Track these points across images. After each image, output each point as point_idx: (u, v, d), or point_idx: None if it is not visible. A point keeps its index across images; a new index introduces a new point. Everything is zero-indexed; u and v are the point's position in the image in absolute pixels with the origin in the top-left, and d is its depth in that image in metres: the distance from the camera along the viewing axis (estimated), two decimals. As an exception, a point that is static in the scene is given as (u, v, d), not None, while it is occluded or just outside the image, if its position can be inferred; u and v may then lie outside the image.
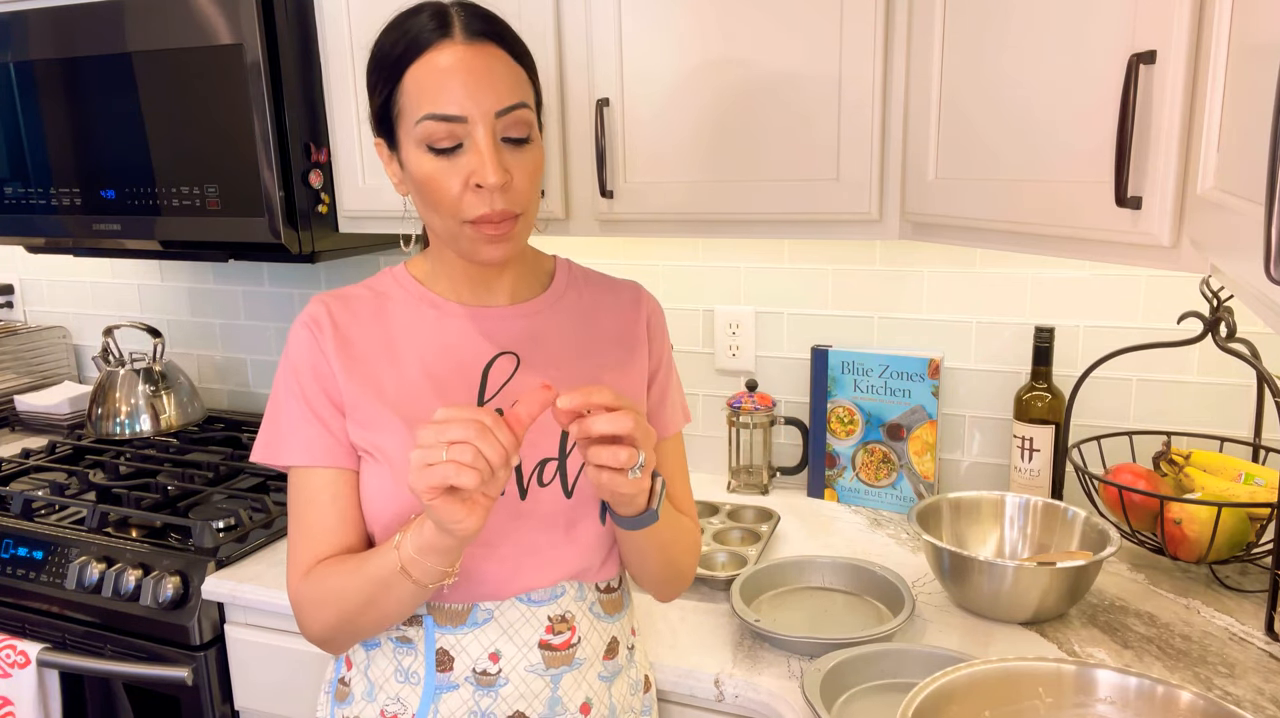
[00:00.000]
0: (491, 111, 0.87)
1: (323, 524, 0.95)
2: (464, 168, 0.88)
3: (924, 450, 1.60)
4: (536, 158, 0.92)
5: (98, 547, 1.53)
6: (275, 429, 0.98)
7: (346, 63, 1.53)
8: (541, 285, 1.05)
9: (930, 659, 1.11)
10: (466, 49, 0.88)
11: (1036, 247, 1.10)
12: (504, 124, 0.89)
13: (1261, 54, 0.69)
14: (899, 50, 1.23)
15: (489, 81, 0.88)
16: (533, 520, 0.96)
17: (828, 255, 1.68)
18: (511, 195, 0.90)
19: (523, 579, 0.96)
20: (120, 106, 1.62)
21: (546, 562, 0.97)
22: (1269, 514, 1.26)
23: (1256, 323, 1.36)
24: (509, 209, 0.89)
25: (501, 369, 0.98)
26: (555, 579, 0.97)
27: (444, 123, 0.87)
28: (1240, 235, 0.68)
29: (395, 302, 1.01)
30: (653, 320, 1.08)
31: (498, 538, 0.94)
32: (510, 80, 0.89)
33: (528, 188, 0.91)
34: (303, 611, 0.95)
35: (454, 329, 0.99)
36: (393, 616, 0.91)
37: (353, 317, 0.99)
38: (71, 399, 2.19)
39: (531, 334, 1.01)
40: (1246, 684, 1.08)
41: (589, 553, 0.99)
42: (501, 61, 0.89)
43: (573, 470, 0.97)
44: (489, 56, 0.89)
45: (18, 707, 1.51)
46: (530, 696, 0.96)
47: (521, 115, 0.90)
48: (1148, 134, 0.92)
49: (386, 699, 0.97)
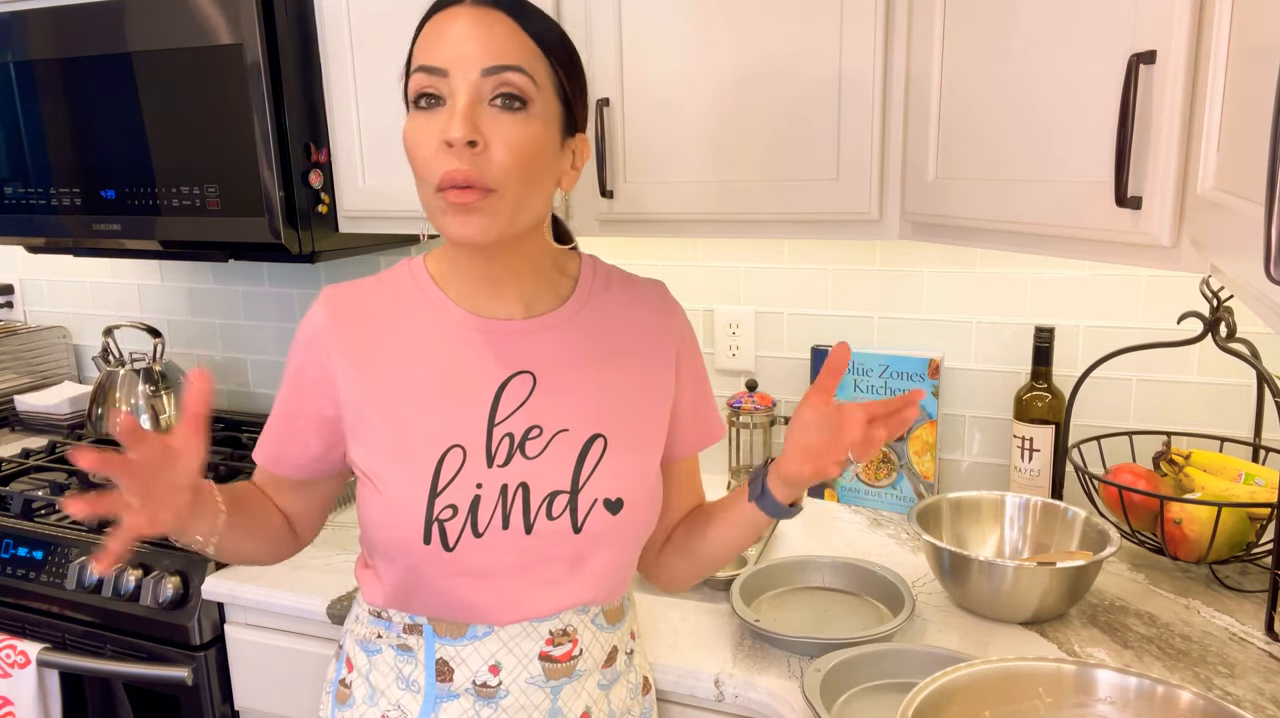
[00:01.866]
0: (476, 68, 0.83)
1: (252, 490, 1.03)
2: (438, 124, 0.84)
3: (924, 450, 1.60)
4: (526, 130, 0.85)
5: (98, 547, 1.53)
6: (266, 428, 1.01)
7: (346, 63, 1.53)
8: (563, 293, 0.99)
9: (930, 659, 1.11)
10: (473, 11, 0.85)
11: (1036, 247, 1.10)
12: (491, 84, 0.84)
13: (1261, 54, 0.69)
14: (899, 50, 1.23)
15: (480, 38, 0.84)
16: (536, 555, 0.92)
17: (828, 255, 1.68)
18: (483, 163, 0.83)
19: (523, 610, 0.94)
20: (120, 106, 1.62)
21: (550, 595, 0.94)
22: (1269, 514, 1.26)
23: (1256, 323, 1.36)
24: (474, 174, 0.83)
25: (515, 391, 0.94)
26: (558, 609, 0.95)
27: (427, 74, 0.85)
28: (1240, 235, 0.68)
29: (408, 304, 0.96)
30: (684, 333, 1.04)
31: (500, 570, 0.92)
32: (509, 43, 0.85)
33: (507, 159, 0.84)
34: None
35: (466, 346, 0.94)
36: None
37: (363, 319, 0.95)
38: (71, 399, 2.19)
39: (549, 352, 0.96)
40: (1246, 684, 1.08)
41: (595, 586, 0.96)
42: (504, 25, 0.85)
43: (584, 506, 0.93)
44: (492, 19, 0.85)
45: (18, 707, 1.51)
46: (530, 707, 0.95)
47: (512, 78, 0.84)
48: (1148, 134, 0.92)
49: (388, 705, 0.97)
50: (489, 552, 0.91)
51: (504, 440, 0.93)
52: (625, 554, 0.98)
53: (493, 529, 0.91)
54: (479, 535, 0.91)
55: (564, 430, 0.94)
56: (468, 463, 0.91)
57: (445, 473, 0.91)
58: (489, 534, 0.91)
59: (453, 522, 0.90)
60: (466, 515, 0.90)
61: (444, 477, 0.91)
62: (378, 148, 1.56)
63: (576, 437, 0.94)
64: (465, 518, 0.90)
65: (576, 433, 0.94)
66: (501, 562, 0.92)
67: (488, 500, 0.91)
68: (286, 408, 0.98)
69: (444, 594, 0.92)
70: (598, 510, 0.93)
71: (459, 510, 0.90)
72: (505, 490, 0.91)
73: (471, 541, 0.90)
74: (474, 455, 0.92)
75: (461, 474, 0.91)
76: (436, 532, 0.90)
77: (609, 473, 0.94)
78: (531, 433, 0.93)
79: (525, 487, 0.92)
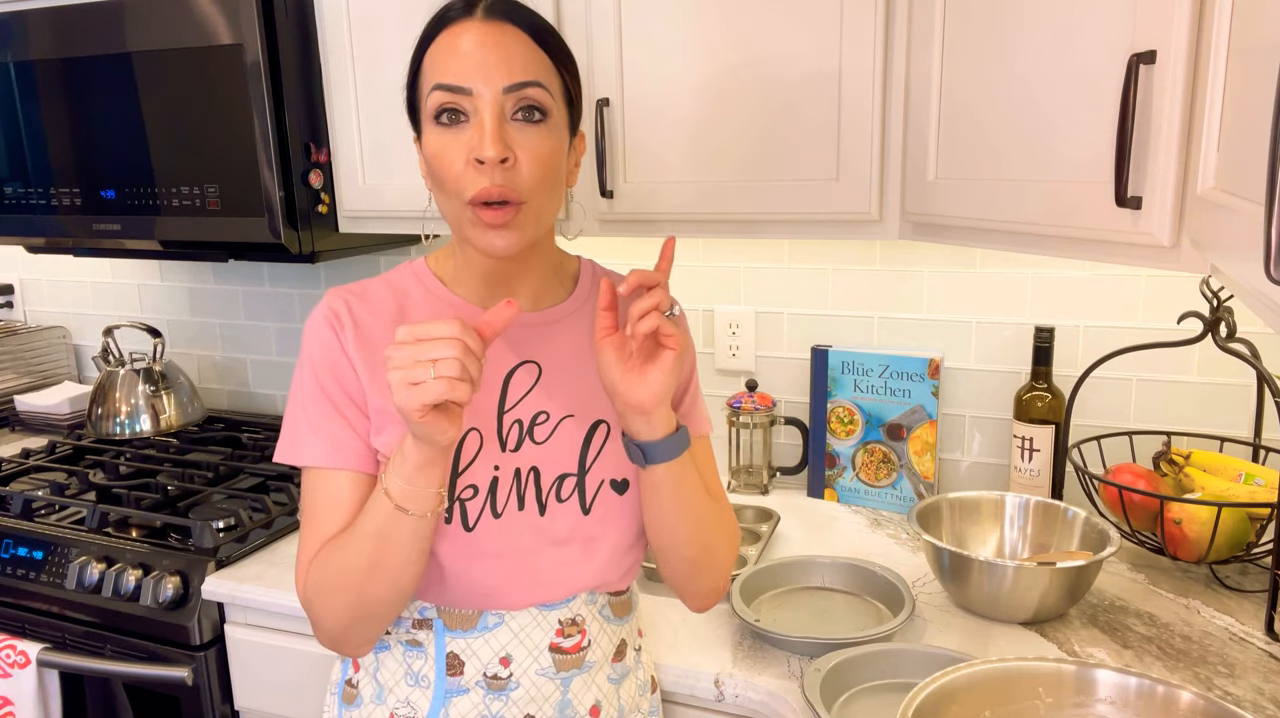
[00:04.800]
0: (499, 86, 0.85)
1: (341, 528, 0.92)
2: (467, 143, 0.86)
3: (924, 450, 1.60)
4: (549, 143, 0.88)
5: (98, 547, 1.53)
6: (295, 429, 0.94)
7: (346, 63, 1.53)
8: (565, 289, 1.02)
9: (930, 659, 1.11)
10: (484, 25, 0.87)
11: (1036, 247, 1.10)
12: (513, 100, 0.86)
13: (1261, 54, 0.69)
14: (899, 50, 1.23)
15: (500, 56, 0.86)
16: (549, 536, 0.95)
17: (828, 255, 1.68)
18: (514, 177, 0.86)
19: (537, 593, 0.95)
20: (120, 106, 1.62)
21: (562, 577, 0.96)
22: (1269, 514, 1.26)
23: (1256, 323, 1.36)
24: (508, 189, 0.86)
25: (521, 380, 0.97)
26: (570, 593, 0.97)
27: (450, 93, 0.86)
28: (1240, 235, 0.68)
29: (415, 302, 0.98)
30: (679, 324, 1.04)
31: (513, 553, 0.94)
32: (526, 59, 0.87)
33: (535, 172, 0.87)
34: (313, 606, 0.92)
35: None
36: (401, 574, 0.87)
37: (373, 316, 0.96)
38: (71, 399, 2.19)
39: (553, 342, 0.99)
40: (1246, 684, 1.08)
41: (605, 569, 0.98)
42: (518, 40, 0.87)
43: (591, 488, 0.96)
44: (505, 34, 0.87)
45: (18, 707, 1.51)
46: (541, 699, 0.96)
47: (533, 94, 0.87)
48: (1148, 134, 0.92)
49: (396, 702, 0.97)
50: (506, 533, 0.93)
51: (514, 427, 0.96)
52: (632, 535, 0.99)
53: (509, 510, 0.94)
54: (498, 516, 0.93)
55: (569, 416, 0.97)
56: (485, 446, 0.94)
57: (465, 454, 0.93)
58: (506, 515, 0.93)
59: (473, 502, 0.93)
60: (486, 496, 0.93)
61: (464, 458, 0.93)
62: (378, 148, 1.56)
63: (581, 422, 0.98)
64: (485, 498, 0.93)
65: (581, 418, 0.98)
66: (517, 543, 0.94)
67: (504, 482, 0.94)
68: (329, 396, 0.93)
69: (459, 577, 0.93)
70: (605, 491, 0.97)
71: (479, 491, 0.93)
72: (519, 474, 0.95)
73: (490, 521, 0.93)
74: (489, 440, 0.95)
75: (480, 457, 0.94)
76: (458, 511, 0.92)
77: (613, 455, 0.97)
78: (539, 419, 0.96)
79: (536, 470, 0.95)
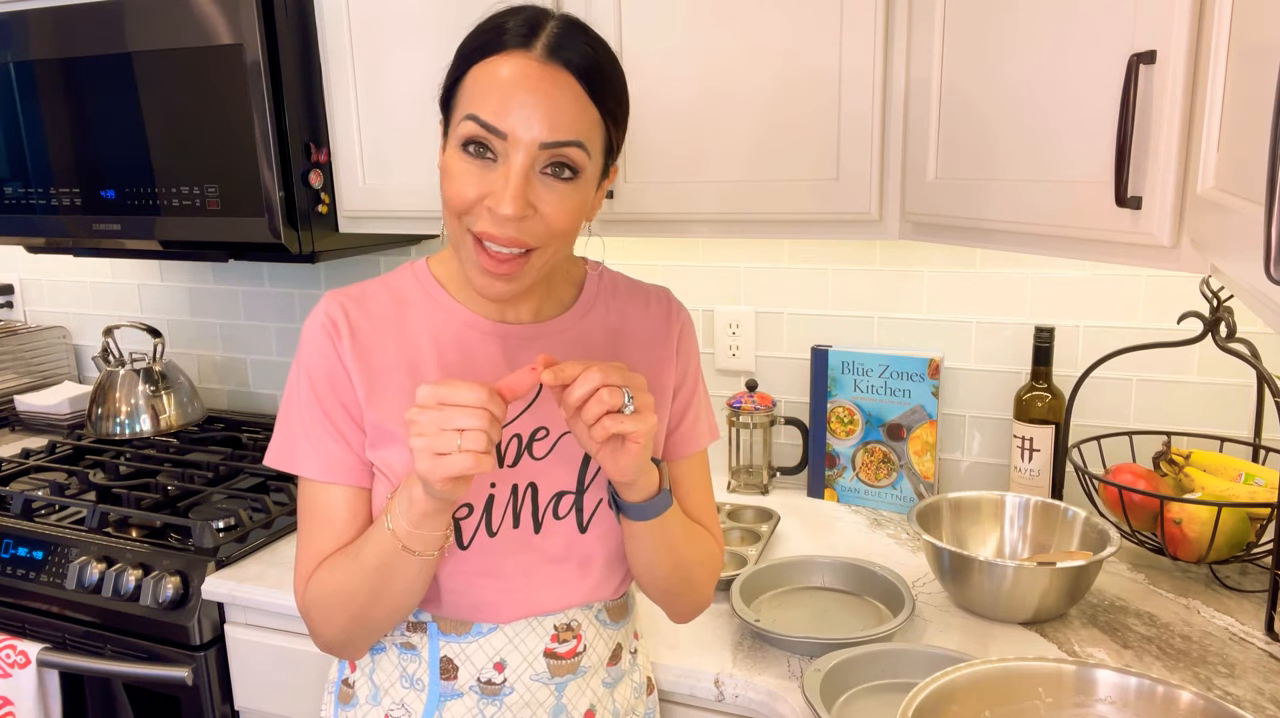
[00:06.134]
0: (538, 140, 0.81)
1: (338, 542, 0.92)
2: (488, 183, 0.82)
3: (924, 450, 1.60)
4: (573, 200, 0.84)
5: (98, 547, 1.53)
6: (290, 436, 0.93)
7: (346, 63, 1.53)
8: (569, 297, 1.00)
9: (930, 659, 1.11)
10: (540, 67, 0.82)
11: (1036, 247, 1.10)
12: (546, 156, 0.82)
13: (1261, 54, 0.69)
14: (899, 50, 1.23)
15: (546, 108, 0.81)
16: (544, 554, 0.94)
17: (828, 255, 1.68)
18: (529, 227, 0.83)
19: (532, 607, 0.95)
20: (120, 106, 1.62)
21: (557, 593, 0.96)
22: (1269, 514, 1.26)
23: (1256, 323, 1.36)
24: (516, 239, 0.83)
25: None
26: (565, 606, 0.97)
27: (485, 130, 0.81)
28: (1240, 235, 0.68)
29: (416, 308, 0.95)
30: (684, 335, 1.03)
31: (510, 570, 0.93)
32: (572, 114, 0.82)
33: (555, 223, 0.84)
34: (312, 617, 0.93)
35: (476, 347, 0.94)
36: (404, 601, 0.89)
37: (371, 322, 0.93)
38: (71, 399, 2.19)
39: (554, 355, 0.95)
40: (1246, 684, 1.08)
41: (601, 584, 0.98)
42: (569, 93, 0.82)
43: (589, 506, 0.95)
44: (558, 83, 0.82)
45: (18, 707, 1.51)
46: (535, 704, 0.96)
47: (569, 154, 0.82)
48: (1148, 134, 0.92)
49: (391, 704, 0.97)
50: (500, 551, 0.93)
51: (513, 441, 0.94)
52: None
53: (504, 528, 0.93)
54: (493, 534, 0.92)
55: (569, 432, 0.95)
56: None
57: None
58: (501, 534, 0.93)
59: (468, 520, 0.92)
60: (481, 514, 0.92)
61: None
62: (378, 148, 1.56)
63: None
64: (480, 517, 0.92)
65: None
66: (512, 561, 0.93)
67: (500, 500, 0.93)
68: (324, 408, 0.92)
69: (453, 593, 0.93)
70: (602, 510, 0.96)
71: (474, 509, 0.92)
72: (516, 490, 0.93)
73: (485, 539, 0.92)
74: None
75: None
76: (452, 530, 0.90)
77: None
78: (538, 434, 0.95)
79: (534, 487, 0.94)
